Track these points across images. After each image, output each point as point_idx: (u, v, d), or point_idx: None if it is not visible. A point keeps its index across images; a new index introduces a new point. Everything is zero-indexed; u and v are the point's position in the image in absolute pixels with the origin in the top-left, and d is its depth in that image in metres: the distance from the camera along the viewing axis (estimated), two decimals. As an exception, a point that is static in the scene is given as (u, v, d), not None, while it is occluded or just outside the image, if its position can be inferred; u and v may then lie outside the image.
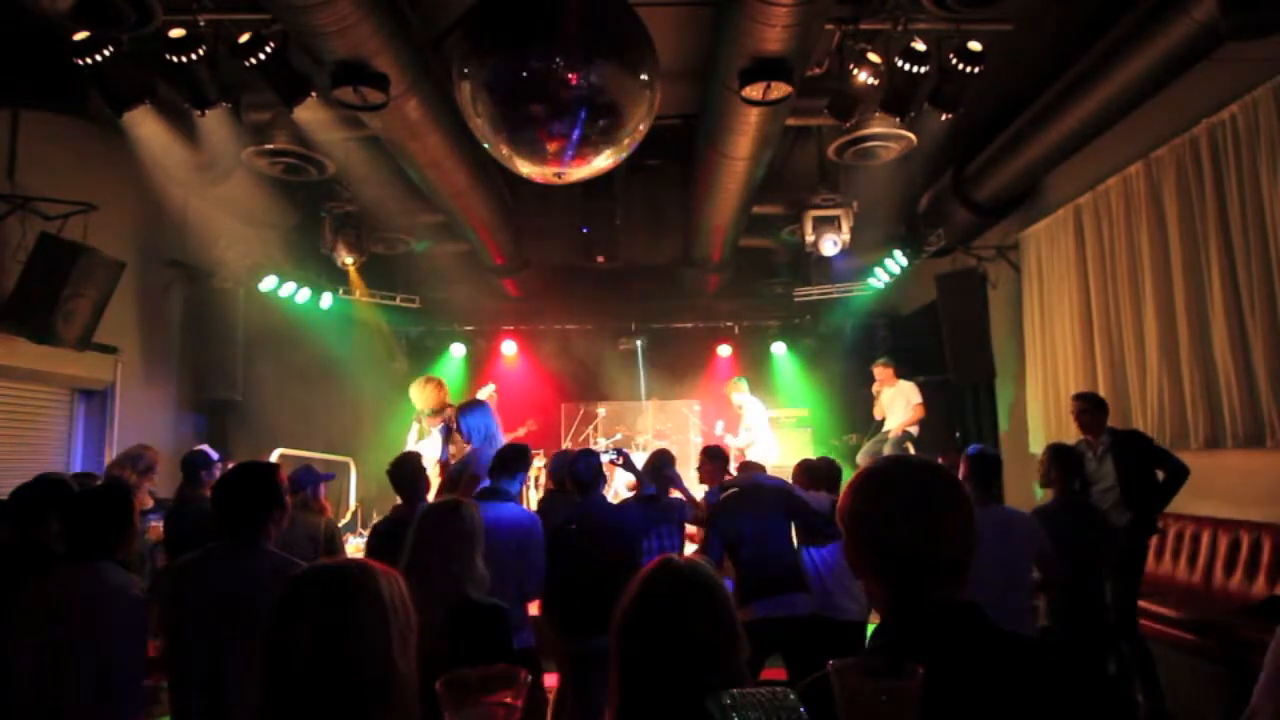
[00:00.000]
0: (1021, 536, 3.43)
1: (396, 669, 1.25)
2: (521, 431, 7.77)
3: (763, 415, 8.39)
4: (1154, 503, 4.45)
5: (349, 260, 7.41)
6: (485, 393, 8.06)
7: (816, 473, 4.77)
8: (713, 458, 4.89)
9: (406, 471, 4.03)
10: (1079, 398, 4.81)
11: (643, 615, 1.36)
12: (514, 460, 3.83)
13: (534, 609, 3.84)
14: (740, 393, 8.48)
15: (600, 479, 3.95)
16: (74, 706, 2.16)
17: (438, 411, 7.51)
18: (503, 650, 2.31)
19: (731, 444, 8.38)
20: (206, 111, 4.85)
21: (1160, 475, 4.44)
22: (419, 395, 7.48)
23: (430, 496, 4.32)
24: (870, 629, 4.10)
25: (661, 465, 4.48)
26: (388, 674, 1.24)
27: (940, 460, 4.36)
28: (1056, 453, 4.10)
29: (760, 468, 5.11)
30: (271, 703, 1.23)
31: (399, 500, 4.05)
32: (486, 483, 3.83)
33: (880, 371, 7.78)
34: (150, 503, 4.44)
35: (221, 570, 2.28)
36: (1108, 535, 4.04)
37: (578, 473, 3.89)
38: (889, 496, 1.21)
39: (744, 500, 4.05)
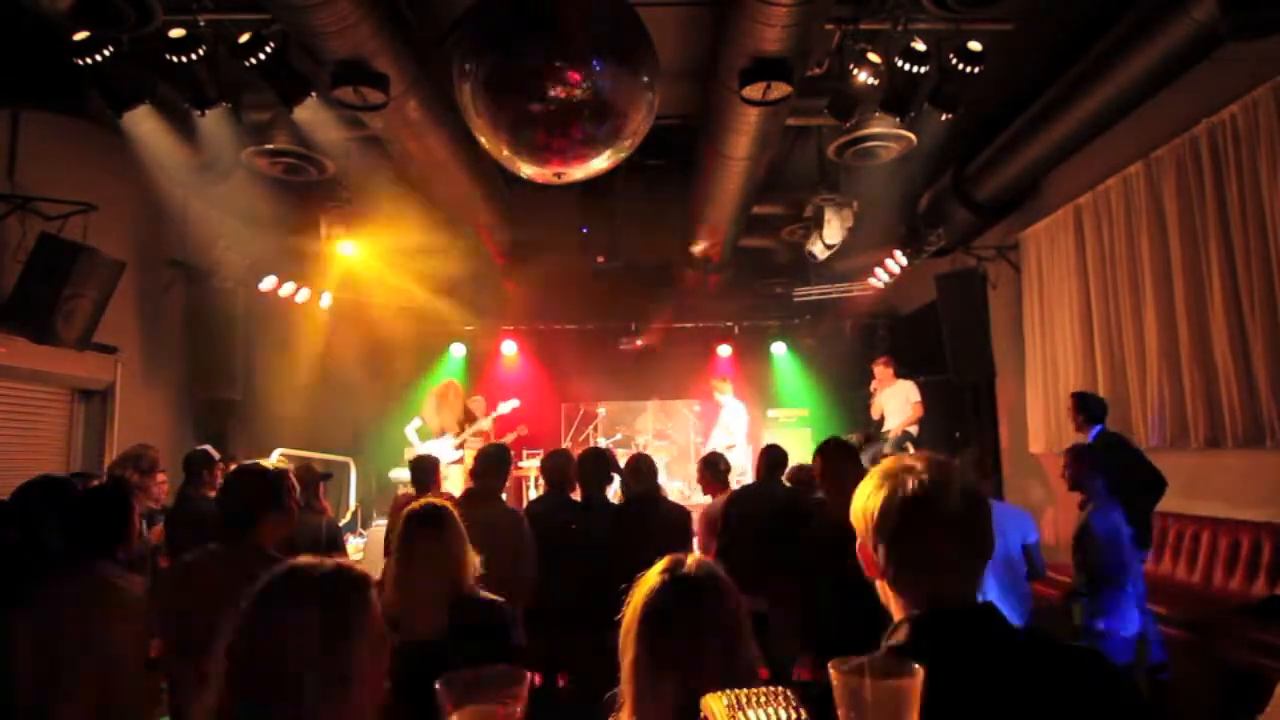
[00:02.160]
0: (1011, 529, 3.75)
1: (364, 674, 1.24)
2: (511, 437, 7.81)
3: (742, 420, 8.43)
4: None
5: (351, 251, 7.41)
6: (508, 407, 8.09)
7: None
8: (707, 466, 4.93)
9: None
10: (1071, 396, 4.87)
11: (651, 614, 1.36)
12: (496, 461, 3.84)
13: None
14: (723, 394, 8.52)
15: (607, 478, 3.96)
16: (74, 707, 2.16)
17: (452, 418, 7.58)
18: (503, 647, 2.31)
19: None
20: (206, 111, 4.85)
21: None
22: (445, 404, 7.52)
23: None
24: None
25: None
26: (353, 679, 1.23)
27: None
28: (1073, 452, 4.14)
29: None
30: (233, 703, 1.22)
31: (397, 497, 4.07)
32: None
33: (880, 370, 7.79)
34: (158, 503, 4.44)
35: (219, 571, 2.28)
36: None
37: (585, 470, 3.90)
38: (901, 496, 1.21)
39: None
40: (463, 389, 8.18)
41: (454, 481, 7.43)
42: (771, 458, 4.71)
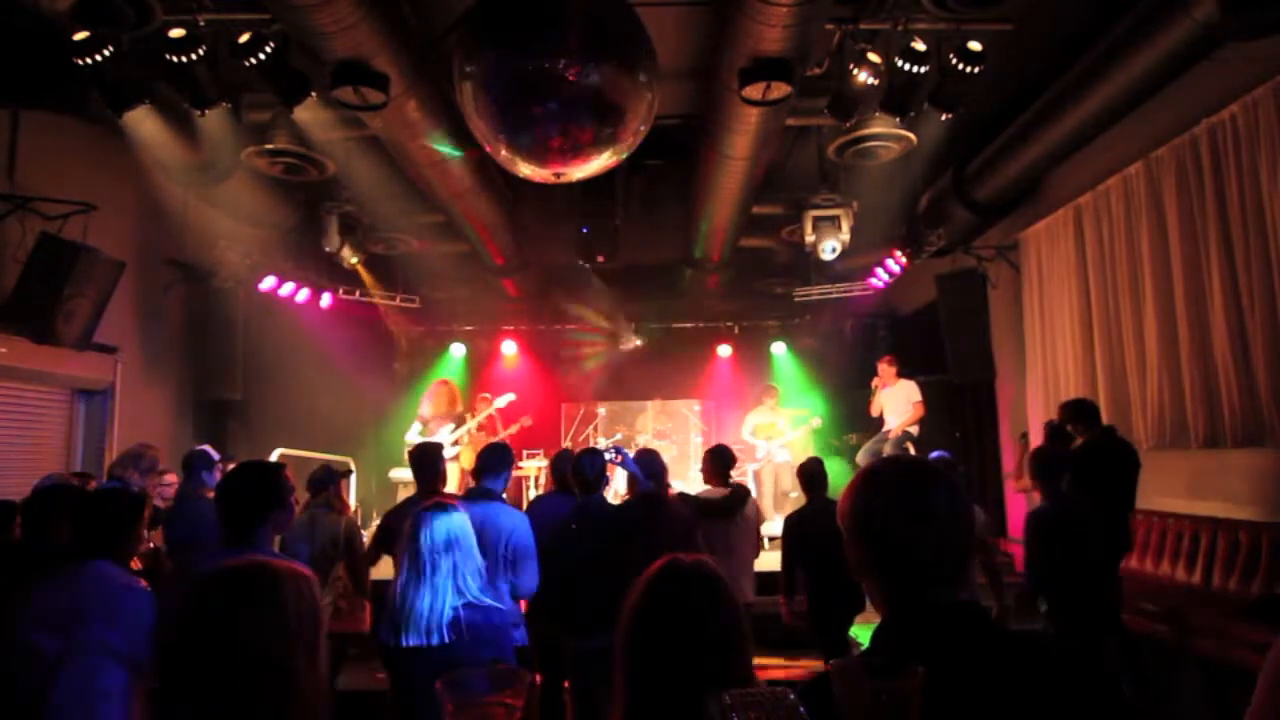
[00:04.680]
0: None
1: (296, 674, 1.22)
2: (514, 429, 7.82)
3: (749, 426, 8.58)
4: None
5: (354, 260, 7.43)
6: (503, 401, 8.10)
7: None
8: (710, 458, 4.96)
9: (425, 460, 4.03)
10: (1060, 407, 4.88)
11: (649, 614, 1.36)
12: (498, 460, 3.84)
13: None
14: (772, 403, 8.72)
15: (603, 478, 3.96)
16: (74, 707, 2.16)
17: (445, 414, 7.58)
18: (504, 648, 2.31)
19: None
20: (206, 111, 4.85)
21: None
22: (436, 399, 7.52)
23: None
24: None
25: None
26: (286, 680, 1.20)
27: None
28: (1031, 455, 4.20)
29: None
30: (164, 704, 1.21)
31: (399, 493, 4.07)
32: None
33: (884, 369, 7.79)
34: (166, 502, 4.44)
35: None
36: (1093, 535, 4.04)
37: (581, 471, 3.89)
38: (887, 496, 1.22)
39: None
40: (457, 386, 8.17)
41: (450, 479, 7.42)
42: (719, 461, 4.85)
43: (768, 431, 8.64)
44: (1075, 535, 3.81)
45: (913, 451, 7.23)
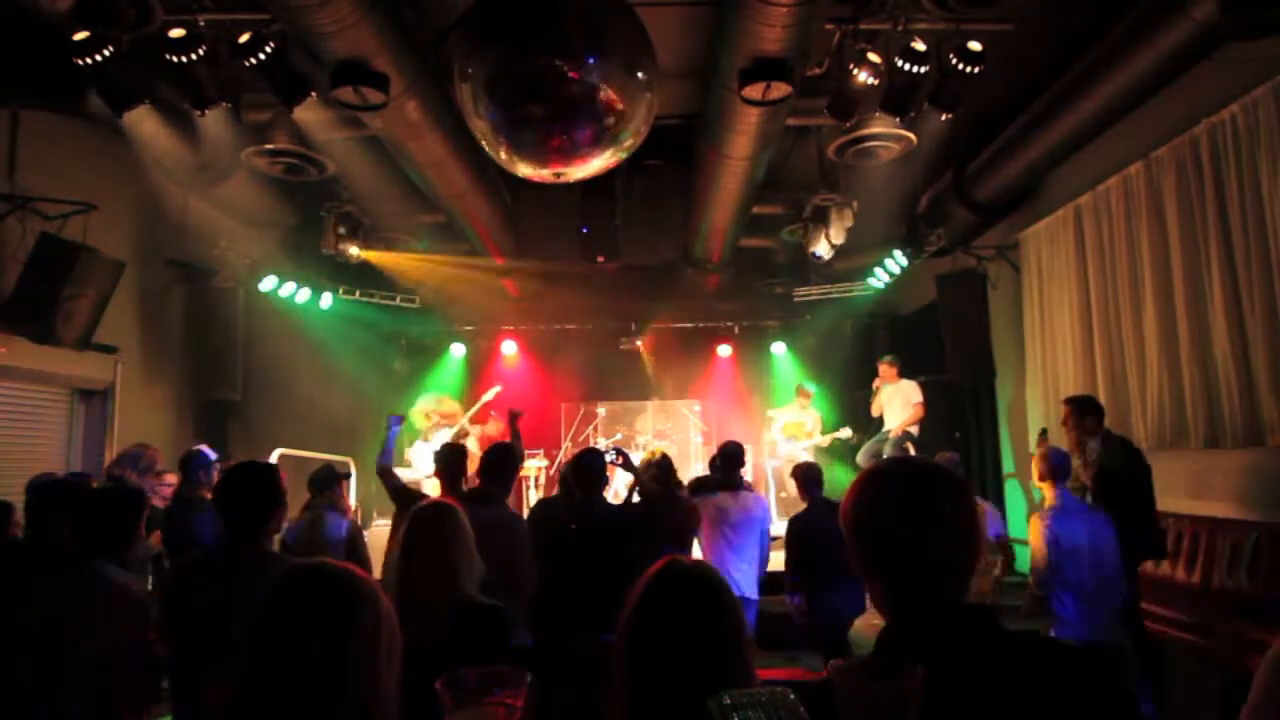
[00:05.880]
0: None
1: (379, 687, 1.22)
2: (489, 395, 7.85)
3: (778, 423, 8.59)
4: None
5: (356, 252, 7.43)
6: (491, 394, 8.10)
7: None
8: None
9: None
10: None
11: (650, 615, 1.36)
12: (500, 463, 3.83)
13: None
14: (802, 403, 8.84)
15: (603, 479, 3.96)
16: (75, 705, 2.16)
17: (440, 422, 7.64)
18: (502, 651, 2.31)
19: None
20: (206, 111, 4.85)
21: None
22: (441, 409, 7.57)
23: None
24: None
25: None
26: (372, 692, 1.21)
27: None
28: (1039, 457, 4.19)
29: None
30: (247, 700, 1.20)
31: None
32: None
33: (885, 369, 7.80)
34: (165, 502, 4.44)
35: (222, 571, 2.29)
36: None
37: (581, 472, 3.89)
38: (890, 498, 1.21)
39: None
40: (449, 398, 8.23)
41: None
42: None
43: (793, 431, 8.62)
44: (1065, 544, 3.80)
45: (913, 451, 7.23)
